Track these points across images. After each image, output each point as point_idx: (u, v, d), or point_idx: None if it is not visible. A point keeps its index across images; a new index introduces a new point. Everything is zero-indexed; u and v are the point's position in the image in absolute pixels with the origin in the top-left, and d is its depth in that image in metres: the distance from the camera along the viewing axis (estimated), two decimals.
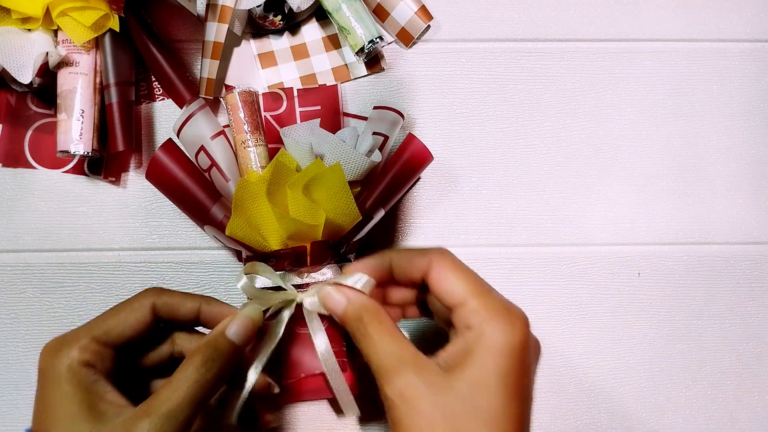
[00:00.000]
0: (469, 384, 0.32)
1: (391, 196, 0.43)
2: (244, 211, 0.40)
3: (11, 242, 0.47)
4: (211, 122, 0.44)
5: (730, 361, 0.50)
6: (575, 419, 0.49)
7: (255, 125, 0.43)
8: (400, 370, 0.32)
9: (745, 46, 0.52)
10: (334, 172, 0.39)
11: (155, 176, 0.42)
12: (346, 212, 0.39)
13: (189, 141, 0.44)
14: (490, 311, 0.33)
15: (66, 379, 0.32)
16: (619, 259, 0.50)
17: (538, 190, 0.50)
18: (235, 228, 0.39)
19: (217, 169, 0.43)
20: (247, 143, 0.43)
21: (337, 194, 0.39)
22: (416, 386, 0.32)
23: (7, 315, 0.47)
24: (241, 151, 0.43)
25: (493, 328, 0.32)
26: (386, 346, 0.33)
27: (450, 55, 0.50)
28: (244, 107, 0.43)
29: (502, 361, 0.32)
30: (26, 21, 0.43)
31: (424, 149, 0.44)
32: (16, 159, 0.47)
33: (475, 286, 0.34)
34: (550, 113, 0.50)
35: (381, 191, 0.43)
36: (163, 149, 0.41)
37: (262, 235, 0.40)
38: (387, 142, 0.45)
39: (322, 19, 0.50)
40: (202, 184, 0.42)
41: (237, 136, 0.43)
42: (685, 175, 0.51)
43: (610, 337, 0.49)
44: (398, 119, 0.46)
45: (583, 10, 0.51)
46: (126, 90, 0.45)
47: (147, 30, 0.46)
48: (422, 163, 0.44)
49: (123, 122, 0.44)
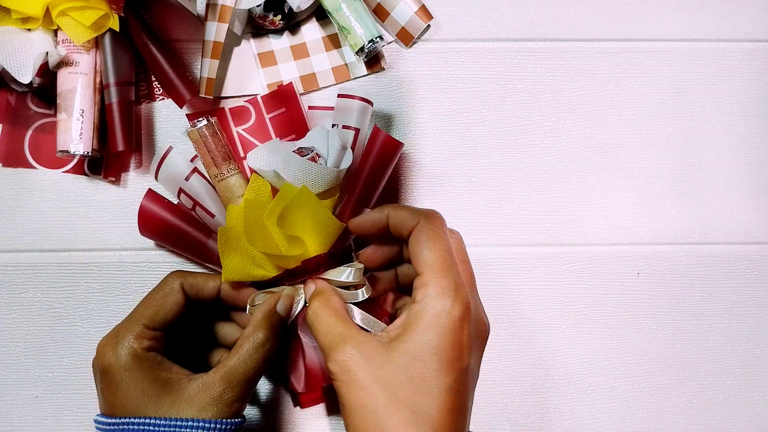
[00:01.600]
0: (405, 355, 0.34)
1: (370, 193, 0.43)
2: (232, 254, 0.41)
3: (11, 242, 0.47)
4: (182, 162, 0.44)
5: (730, 361, 0.50)
6: (575, 419, 0.49)
7: (224, 156, 0.44)
8: (342, 346, 0.35)
9: (745, 46, 0.52)
10: (304, 194, 0.40)
11: (147, 226, 0.43)
12: (328, 227, 0.41)
13: (168, 183, 0.45)
14: (437, 288, 0.35)
15: (134, 366, 0.37)
16: (619, 259, 0.50)
17: (538, 190, 0.50)
18: (231, 273, 0.41)
19: (201, 208, 0.44)
20: (220, 176, 0.44)
21: (312, 213, 0.40)
22: (354, 359, 0.34)
23: (7, 315, 0.47)
24: (217, 185, 0.44)
25: (435, 304, 0.34)
26: (331, 326, 0.37)
27: (450, 55, 0.50)
28: (207, 142, 0.44)
29: (437, 335, 0.34)
30: (26, 21, 0.43)
31: (391, 140, 0.43)
32: (16, 159, 0.47)
33: (438, 261, 0.36)
34: (550, 113, 0.50)
35: (359, 193, 0.43)
36: (147, 199, 0.43)
37: (260, 265, 0.42)
38: (359, 134, 0.44)
39: (322, 19, 0.50)
40: (192, 223, 0.43)
41: (209, 170, 0.44)
42: (685, 175, 0.51)
43: (610, 337, 0.49)
44: (366, 107, 0.45)
45: (583, 10, 0.51)
46: (126, 90, 0.45)
47: (147, 30, 0.46)
48: (394, 153, 0.43)
49: (123, 122, 0.44)
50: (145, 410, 0.37)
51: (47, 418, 0.47)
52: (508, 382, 0.48)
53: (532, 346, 0.49)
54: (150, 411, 0.37)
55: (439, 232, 0.37)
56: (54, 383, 0.47)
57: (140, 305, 0.40)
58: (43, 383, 0.47)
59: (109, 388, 0.38)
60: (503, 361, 0.49)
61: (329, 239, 0.41)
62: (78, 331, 0.47)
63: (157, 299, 0.40)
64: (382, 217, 0.40)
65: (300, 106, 0.48)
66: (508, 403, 0.48)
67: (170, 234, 0.43)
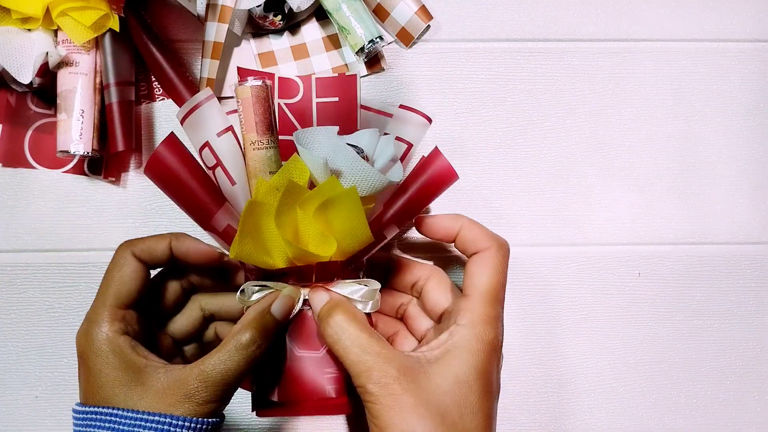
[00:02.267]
0: (450, 379, 0.34)
1: (408, 215, 0.40)
2: (250, 231, 0.37)
3: (11, 242, 0.47)
4: (219, 116, 0.40)
5: (730, 361, 0.50)
6: (575, 419, 0.49)
7: (267, 125, 0.39)
8: (384, 366, 0.34)
9: (745, 46, 0.52)
10: (350, 196, 0.36)
11: (156, 173, 0.38)
12: (359, 236, 0.37)
13: (193, 133, 0.40)
14: (484, 317, 0.36)
15: (108, 352, 0.35)
16: (619, 259, 0.50)
17: (538, 190, 0.50)
18: (241, 251, 0.37)
19: (223, 170, 0.40)
20: (258, 144, 0.39)
21: (350, 218, 0.36)
22: (400, 381, 0.33)
23: (7, 315, 0.47)
24: (250, 153, 0.39)
25: (482, 331, 0.36)
26: (365, 343, 0.35)
27: (450, 55, 0.50)
28: (256, 104, 0.39)
29: (483, 362, 0.35)
30: (26, 21, 0.43)
31: (449, 168, 0.40)
32: (16, 159, 0.47)
33: (493, 292, 0.37)
34: (550, 113, 0.50)
35: (397, 211, 0.40)
36: (165, 145, 0.38)
37: (269, 252, 0.38)
38: (410, 150, 0.42)
39: (322, 19, 0.50)
40: (205, 186, 0.39)
41: (246, 135, 0.39)
42: (685, 175, 0.51)
43: (610, 337, 0.49)
44: (425, 124, 0.43)
45: (583, 10, 0.51)
46: (126, 90, 0.45)
47: (147, 30, 0.46)
48: (445, 183, 0.40)
49: (123, 122, 0.44)
50: (114, 399, 0.34)
51: (47, 418, 0.47)
52: (508, 383, 0.48)
53: (532, 346, 0.49)
54: (119, 401, 0.34)
55: (503, 264, 0.38)
56: (54, 383, 0.47)
57: (101, 287, 0.37)
58: (43, 383, 0.47)
59: (84, 376, 0.36)
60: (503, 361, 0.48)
61: (354, 248, 0.38)
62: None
63: (114, 276, 0.37)
64: (455, 226, 0.40)
65: (357, 102, 0.45)
66: (508, 404, 0.48)
67: (178, 190, 0.38)
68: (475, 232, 0.39)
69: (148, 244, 0.38)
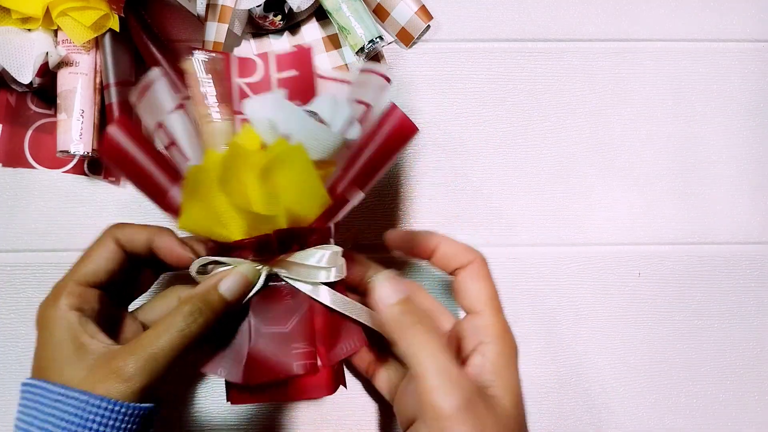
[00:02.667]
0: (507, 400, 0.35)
1: (370, 176, 0.38)
2: (198, 200, 0.35)
3: (11, 242, 0.47)
4: (170, 94, 0.39)
5: (730, 361, 0.50)
6: (575, 419, 0.49)
7: (221, 96, 0.38)
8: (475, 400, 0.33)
9: (745, 46, 0.52)
10: (296, 152, 0.34)
11: (109, 154, 0.37)
12: (312, 197, 0.35)
13: (148, 115, 0.39)
14: (502, 327, 0.37)
15: (58, 325, 0.34)
16: (619, 259, 0.50)
17: (538, 190, 0.50)
18: (189, 221, 0.35)
19: (176, 148, 0.38)
20: (209, 117, 0.38)
21: (300, 177, 0.35)
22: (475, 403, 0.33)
23: (7, 315, 0.47)
24: (203, 127, 0.38)
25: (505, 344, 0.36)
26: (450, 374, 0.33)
27: (450, 55, 0.50)
28: (207, 74, 0.38)
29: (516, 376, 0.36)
30: (26, 21, 0.43)
31: (407, 121, 0.37)
32: (16, 159, 0.47)
33: (494, 302, 0.38)
34: (550, 113, 0.50)
35: (358, 171, 0.37)
36: (116, 123, 0.37)
37: (222, 223, 0.36)
38: (369, 110, 0.40)
39: (322, 19, 0.50)
40: (159, 163, 0.37)
41: (198, 108, 0.38)
42: (685, 175, 0.51)
43: (610, 337, 0.49)
44: (385, 84, 0.40)
45: (583, 10, 0.51)
46: (126, 90, 0.45)
47: (147, 30, 0.46)
48: (405, 137, 0.38)
49: None
50: (50, 372, 0.33)
51: None
52: None
53: (533, 346, 0.49)
54: (54, 375, 0.33)
55: (490, 274, 0.39)
56: None
57: (77, 260, 0.36)
58: None
59: (38, 347, 0.35)
60: None
61: (312, 212, 0.36)
62: None
63: (89, 253, 0.36)
64: (430, 244, 0.39)
65: (313, 72, 0.43)
66: None
67: (133, 169, 0.37)
68: (454, 247, 0.39)
69: (131, 232, 0.37)
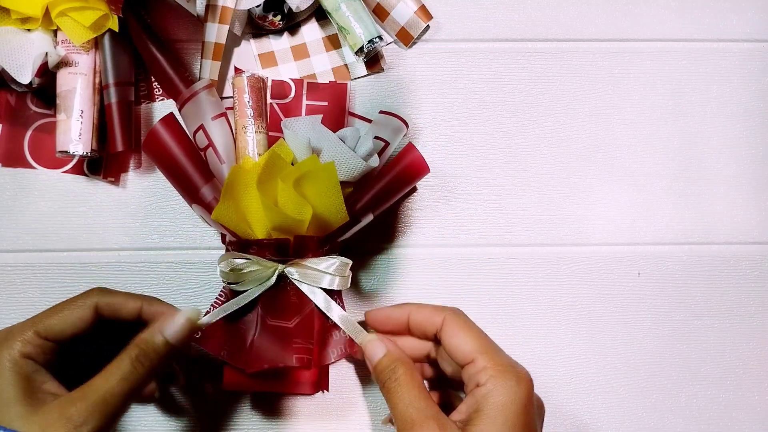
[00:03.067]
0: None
1: (381, 201, 0.43)
2: (233, 197, 0.40)
3: (11, 242, 0.47)
4: (214, 103, 0.44)
5: (730, 361, 0.50)
6: (575, 419, 0.49)
7: (259, 111, 0.44)
8: (426, 423, 0.34)
9: (745, 46, 0.52)
10: (327, 170, 0.39)
11: (151, 148, 0.42)
12: (334, 211, 0.40)
13: (189, 118, 0.44)
14: (497, 369, 0.36)
15: (8, 369, 0.34)
16: (619, 259, 0.50)
17: (538, 190, 0.50)
18: (222, 213, 0.39)
19: (213, 150, 0.43)
20: (248, 128, 0.43)
21: (327, 192, 0.39)
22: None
23: (7, 315, 0.47)
24: (240, 135, 0.43)
25: (501, 385, 0.35)
26: (414, 400, 0.36)
27: (450, 55, 0.50)
28: (250, 92, 0.44)
29: (510, 417, 0.34)
30: (26, 21, 0.43)
31: (421, 160, 0.44)
32: (16, 159, 0.47)
33: (484, 344, 0.37)
34: (550, 113, 0.50)
35: (372, 196, 0.43)
36: (163, 122, 0.42)
37: (248, 222, 0.40)
38: (387, 148, 0.45)
39: (321, 19, 0.50)
40: (196, 163, 0.42)
41: (239, 119, 0.44)
42: (685, 175, 0.51)
43: (610, 337, 0.49)
44: (402, 127, 0.46)
45: (583, 10, 0.51)
46: (125, 90, 0.45)
47: (146, 30, 0.46)
48: (417, 174, 0.45)
49: (122, 122, 0.44)
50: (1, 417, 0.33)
51: None
52: None
53: (533, 346, 0.49)
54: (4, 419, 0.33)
55: (469, 321, 0.39)
56: None
57: (47, 310, 0.37)
58: None
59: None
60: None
61: (329, 223, 0.40)
62: None
63: (63, 310, 0.37)
64: (403, 315, 0.40)
65: (346, 108, 0.48)
66: None
67: (170, 164, 0.42)
68: (423, 312, 0.40)
69: (118, 301, 0.38)
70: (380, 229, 0.48)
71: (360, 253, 0.48)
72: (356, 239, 0.44)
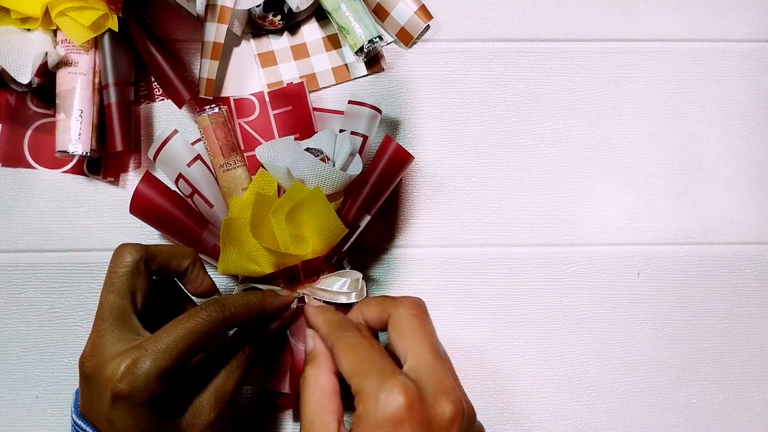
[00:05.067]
0: None
1: (374, 201, 0.43)
2: (233, 244, 0.41)
3: (12, 242, 0.47)
4: (185, 148, 0.43)
5: (730, 361, 0.50)
6: (575, 419, 0.49)
7: (231, 147, 0.43)
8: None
9: (745, 46, 0.52)
10: (316, 195, 0.40)
11: (140, 210, 0.42)
12: (332, 230, 0.41)
13: (166, 167, 0.44)
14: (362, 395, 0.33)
15: (148, 406, 0.33)
16: (619, 259, 0.50)
17: (538, 190, 0.50)
18: (228, 265, 0.41)
19: (200, 196, 0.43)
20: (226, 166, 0.43)
21: (320, 215, 0.40)
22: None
23: (7, 315, 0.47)
24: (220, 175, 0.44)
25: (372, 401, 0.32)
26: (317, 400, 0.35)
27: (450, 55, 0.50)
28: (216, 129, 0.43)
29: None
30: (25, 21, 0.43)
31: (402, 151, 0.43)
32: (15, 159, 0.47)
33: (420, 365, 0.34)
34: (550, 113, 0.50)
35: (364, 199, 0.43)
36: (143, 182, 0.42)
37: (255, 261, 0.41)
38: (366, 141, 0.45)
39: (321, 19, 0.50)
40: (187, 212, 0.42)
41: (214, 159, 0.44)
42: (685, 175, 0.51)
43: (610, 337, 0.49)
44: (375, 115, 0.45)
45: (583, 10, 0.51)
46: (125, 90, 0.45)
47: (146, 30, 0.46)
48: (403, 165, 0.43)
49: (121, 122, 0.44)
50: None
51: (47, 418, 0.47)
52: (508, 382, 0.48)
53: (533, 346, 0.49)
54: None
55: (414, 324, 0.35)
56: (54, 383, 0.47)
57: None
58: (43, 383, 0.47)
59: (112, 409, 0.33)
60: (503, 361, 0.49)
61: (331, 242, 0.41)
62: (78, 331, 0.47)
63: (168, 246, 0.39)
64: (358, 316, 0.39)
65: (308, 105, 0.47)
66: (509, 403, 0.48)
67: (164, 221, 0.42)
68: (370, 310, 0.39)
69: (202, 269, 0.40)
70: (380, 229, 0.48)
71: (360, 253, 0.48)
72: (356, 239, 0.44)
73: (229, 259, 0.41)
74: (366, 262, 0.48)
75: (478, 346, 0.49)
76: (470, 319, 0.49)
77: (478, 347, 0.49)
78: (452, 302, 0.49)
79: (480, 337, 0.49)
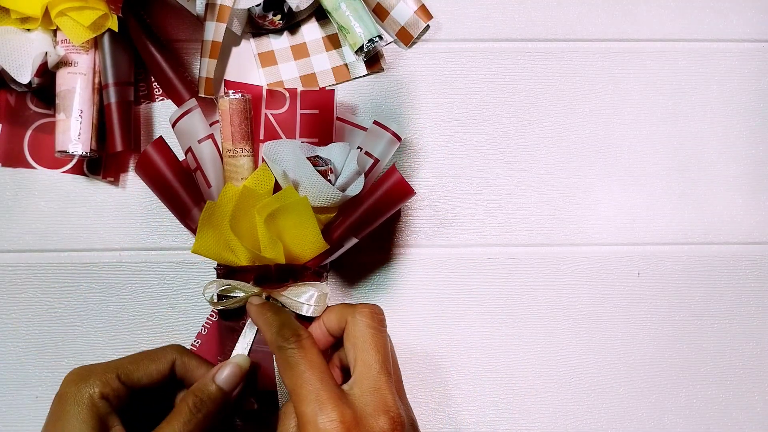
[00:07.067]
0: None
1: (364, 226, 0.42)
2: (211, 229, 0.41)
3: (12, 242, 0.47)
4: (201, 125, 0.44)
5: (730, 361, 0.50)
6: (575, 419, 0.49)
7: (242, 135, 0.43)
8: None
9: (745, 46, 0.52)
10: (302, 205, 0.40)
11: (143, 170, 0.42)
12: (313, 243, 0.41)
13: (182, 137, 0.44)
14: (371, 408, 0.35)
15: (86, 406, 0.36)
16: (619, 259, 0.50)
17: (538, 190, 0.50)
18: (201, 248, 0.41)
19: (201, 173, 0.43)
20: (232, 152, 0.43)
21: (302, 225, 0.40)
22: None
23: (7, 315, 0.47)
24: (226, 159, 0.44)
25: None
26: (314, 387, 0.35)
27: (450, 55, 0.50)
28: (233, 115, 0.43)
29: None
30: (25, 21, 0.43)
31: (404, 184, 0.41)
32: (15, 159, 0.47)
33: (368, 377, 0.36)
34: (550, 113, 0.50)
35: (353, 221, 0.42)
36: (153, 146, 0.42)
37: (232, 250, 0.41)
38: (377, 165, 0.44)
39: (321, 19, 0.50)
40: (186, 185, 0.42)
41: (224, 143, 0.44)
42: (685, 175, 0.51)
43: (610, 337, 0.49)
44: (394, 142, 0.45)
45: (583, 10, 0.51)
46: (125, 90, 0.45)
47: (146, 30, 0.46)
48: (401, 198, 0.42)
49: (121, 122, 0.44)
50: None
51: None
52: (508, 382, 0.49)
53: (533, 346, 0.49)
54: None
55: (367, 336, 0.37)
56: (54, 383, 0.46)
57: (127, 357, 0.39)
58: (43, 383, 0.47)
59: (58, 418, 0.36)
60: (503, 361, 0.49)
61: (308, 255, 0.42)
62: (78, 331, 0.47)
63: (143, 359, 0.39)
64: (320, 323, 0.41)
65: (333, 115, 0.47)
66: (509, 403, 0.48)
67: (162, 187, 0.42)
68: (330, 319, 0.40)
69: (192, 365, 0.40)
70: (380, 229, 0.48)
71: (360, 253, 0.48)
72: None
73: (204, 241, 0.41)
74: (366, 262, 0.48)
75: (478, 346, 0.49)
76: (470, 319, 0.49)
77: (477, 347, 0.49)
78: (452, 302, 0.49)
79: (480, 337, 0.49)
